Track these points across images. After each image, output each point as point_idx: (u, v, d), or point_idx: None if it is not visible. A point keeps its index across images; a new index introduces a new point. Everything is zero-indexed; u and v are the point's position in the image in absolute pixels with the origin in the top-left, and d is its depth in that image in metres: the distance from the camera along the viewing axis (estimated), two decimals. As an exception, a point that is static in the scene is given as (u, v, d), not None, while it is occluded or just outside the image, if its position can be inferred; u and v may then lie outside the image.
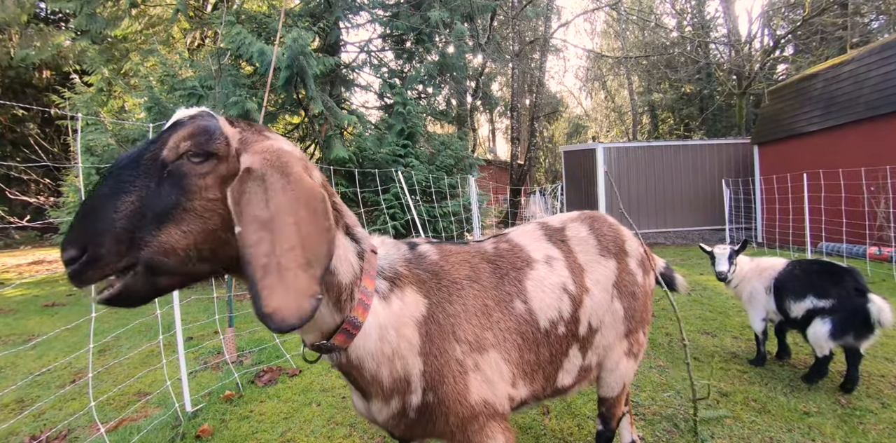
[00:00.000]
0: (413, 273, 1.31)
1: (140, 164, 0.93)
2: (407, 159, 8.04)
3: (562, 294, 1.52)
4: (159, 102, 8.37)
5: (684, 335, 1.48)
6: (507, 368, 1.37)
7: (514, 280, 1.47)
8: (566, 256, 1.62)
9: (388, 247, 1.37)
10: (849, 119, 8.39)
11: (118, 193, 0.90)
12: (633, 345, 1.81)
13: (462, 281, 1.37)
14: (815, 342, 3.04)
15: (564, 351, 1.56)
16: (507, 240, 1.62)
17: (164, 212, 0.91)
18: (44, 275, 9.69)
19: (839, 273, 3.06)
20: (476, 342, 1.31)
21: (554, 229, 1.74)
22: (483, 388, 1.30)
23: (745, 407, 2.80)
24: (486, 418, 1.31)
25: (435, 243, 1.48)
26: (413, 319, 1.25)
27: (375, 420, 1.35)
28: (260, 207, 0.90)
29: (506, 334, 1.39)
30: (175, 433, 2.61)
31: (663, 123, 23.84)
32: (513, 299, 1.44)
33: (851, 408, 2.81)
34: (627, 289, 1.74)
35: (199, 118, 1.00)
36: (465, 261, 1.44)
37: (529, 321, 1.45)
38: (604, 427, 1.94)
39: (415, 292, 1.28)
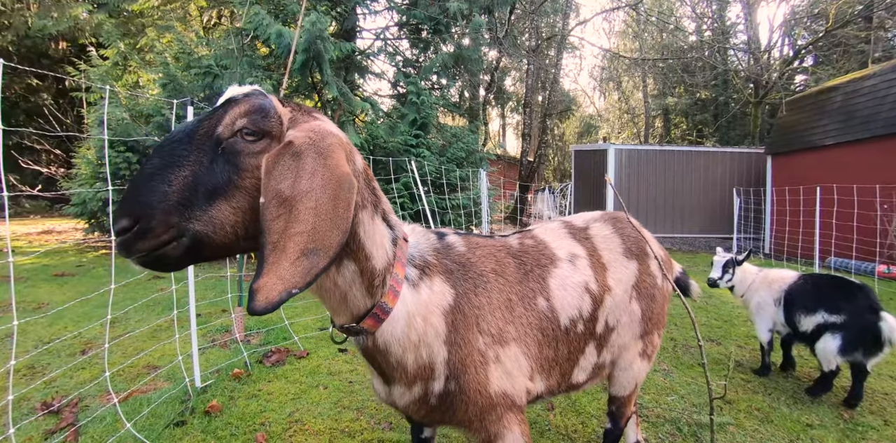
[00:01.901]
0: (441, 263, 1.33)
1: (194, 139, 0.94)
2: (418, 150, 8.03)
3: (583, 293, 1.53)
4: (175, 79, 8.36)
5: (699, 337, 1.49)
6: (527, 362, 1.39)
7: (538, 277, 1.48)
8: (590, 254, 1.63)
9: (419, 235, 1.37)
10: (867, 135, 8.31)
11: (171, 167, 0.91)
12: (647, 346, 1.82)
13: (488, 274, 1.38)
14: (822, 357, 3.05)
15: (581, 349, 1.58)
16: (532, 236, 1.63)
17: (216, 188, 0.92)
18: (53, 244, 9.76)
19: (852, 289, 3.06)
20: (498, 335, 1.33)
21: (578, 228, 1.75)
22: (503, 380, 1.32)
23: (748, 415, 2.82)
24: (504, 409, 1.33)
25: (462, 235, 1.49)
26: (440, 307, 1.26)
27: (395, 404, 1.37)
28: (287, 183, 0.90)
29: (527, 329, 1.41)
30: (184, 407, 2.64)
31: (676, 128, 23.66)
32: (536, 296, 1.45)
33: (854, 423, 2.82)
34: (647, 291, 1.75)
35: (253, 96, 0.99)
36: (492, 254, 1.45)
37: (551, 318, 1.47)
38: (613, 426, 1.96)
39: (443, 282, 1.29)
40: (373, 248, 1.14)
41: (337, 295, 1.14)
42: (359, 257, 1.11)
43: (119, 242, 0.88)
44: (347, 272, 1.11)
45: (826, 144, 9.17)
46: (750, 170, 11.22)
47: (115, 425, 2.50)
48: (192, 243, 0.91)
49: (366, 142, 8.19)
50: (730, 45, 20.02)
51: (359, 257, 1.11)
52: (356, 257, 1.11)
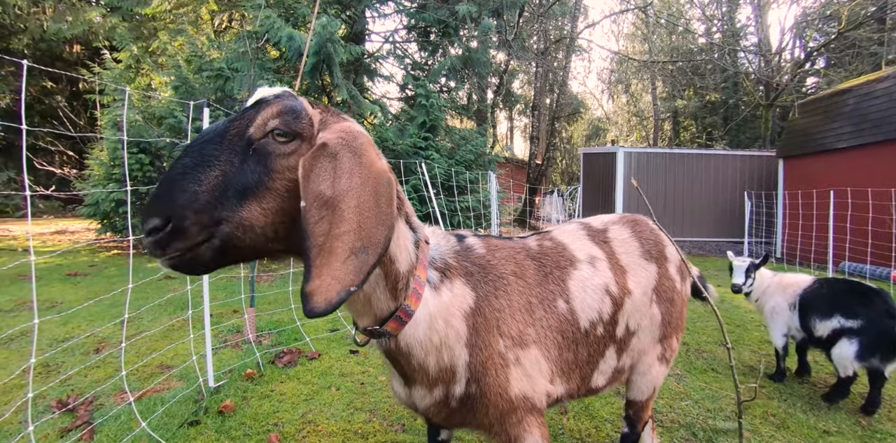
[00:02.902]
0: (462, 265, 1.32)
1: (225, 139, 0.93)
2: (427, 152, 8.05)
3: (604, 296, 1.53)
4: (186, 82, 8.46)
5: (727, 338, 1.48)
6: (547, 365, 1.39)
7: (557, 279, 1.48)
8: (609, 257, 1.62)
9: (439, 238, 1.37)
10: (881, 138, 8.19)
11: (202, 167, 0.90)
12: (666, 350, 1.81)
13: (508, 276, 1.38)
14: (839, 362, 3.00)
15: (601, 352, 1.57)
16: (551, 238, 1.62)
17: (247, 189, 0.92)
18: (66, 244, 9.89)
19: (869, 294, 3.01)
20: (519, 338, 1.32)
21: (596, 230, 1.74)
22: (523, 382, 1.32)
23: (763, 421, 2.79)
24: (524, 412, 1.33)
25: (481, 237, 1.49)
26: (461, 310, 1.26)
27: (415, 406, 1.37)
28: (326, 184, 0.90)
29: (547, 331, 1.40)
30: (198, 407, 2.66)
31: (685, 131, 23.52)
32: (556, 298, 1.45)
33: (872, 430, 2.77)
34: (666, 295, 1.74)
35: (284, 97, 0.99)
36: (511, 256, 1.45)
37: (570, 321, 1.46)
38: (629, 430, 1.94)
39: (463, 285, 1.29)
40: (397, 251, 1.14)
41: (361, 297, 1.14)
42: (383, 260, 1.11)
43: (151, 242, 0.88)
44: (372, 275, 1.12)
45: (839, 147, 9.06)
46: (761, 173, 11.11)
47: (130, 424, 2.52)
48: (222, 245, 0.91)
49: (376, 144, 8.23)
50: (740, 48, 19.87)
51: (383, 260, 1.11)
52: (381, 260, 1.12)
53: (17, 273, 6.63)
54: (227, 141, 0.94)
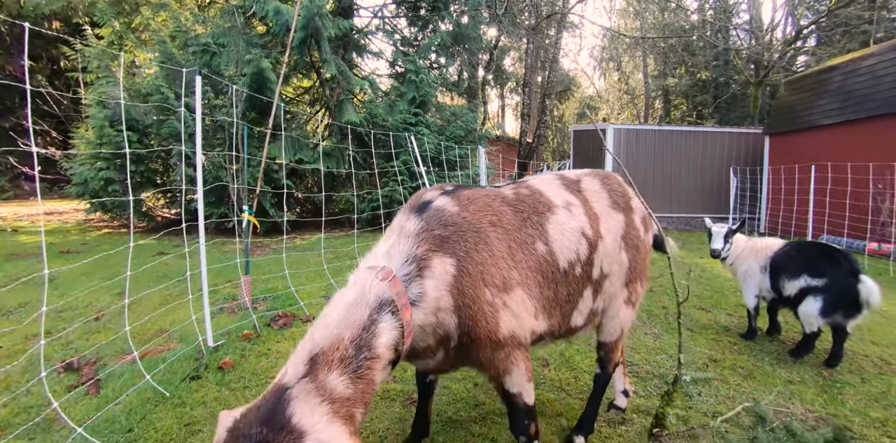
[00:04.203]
0: (433, 239, 1.38)
1: None
2: (417, 128, 8.06)
3: (580, 238, 1.64)
4: (172, 58, 8.32)
5: (677, 289, 1.61)
6: (531, 302, 1.51)
7: (535, 223, 1.59)
8: (583, 204, 1.74)
9: (395, 244, 1.40)
10: (864, 114, 8.31)
11: None
12: (632, 294, 1.95)
13: (486, 228, 1.46)
14: (805, 319, 3.19)
15: (580, 291, 1.69)
16: (528, 186, 1.73)
17: None
18: (55, 224, 9.86)
19: (834, 255, 3.18)
20: (503, 284, 1.43)
21: (570, 181, 1.86)
22: (511, 322, 1.44)
23: (732, 372, 2.98)
24: (512, 348, 1.47)
25: (450, 193, 1.54)
26: (446, 288, 1.36)
27: (418, 366, 1.56)
28: None
29: (528, 272, 1.51)
30: (199, 364, 2.79)
31: (676, 109, 23.54)
32: (534, 241, 1.56)
33: (833, 380, 2.98)
34: (632, 242, 1.88)
35: None
36: (487, 205, 1.53)
37: (550, 262, 1.58)
38: (601, 371, 2.10)
39: (440, 259, 1.36)
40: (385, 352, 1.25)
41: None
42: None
43: None
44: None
45: (824, 123, 9.19)
46: (748, 150, 11.26)
47: (134, 381, 2.65)
48: None
49: (365, 120, 8.21)
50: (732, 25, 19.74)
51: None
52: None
53: (8, 252, 6.66)
54: None
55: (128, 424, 2.24)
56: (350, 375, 1.14)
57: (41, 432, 2.23)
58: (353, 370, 1.15)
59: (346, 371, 1.14)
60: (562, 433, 2.16)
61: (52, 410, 2.24)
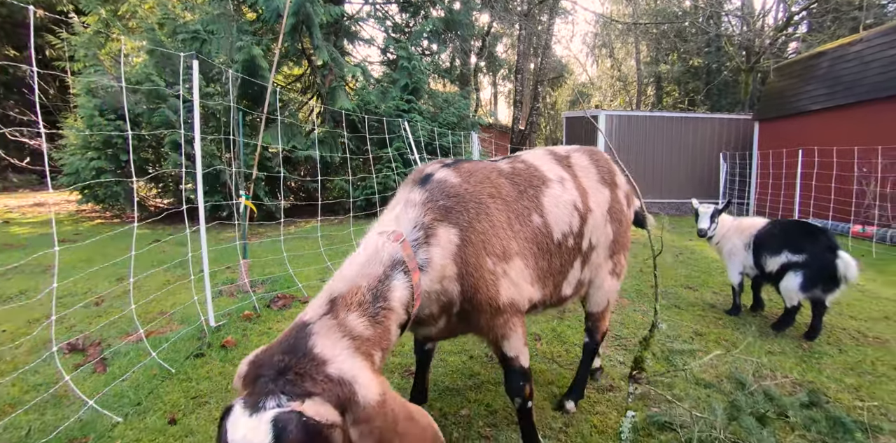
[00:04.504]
0: (438, 209, 1.43)
1: None
2: (410, 114, 8.08)
3: (573, 211, 1.73)
4: (161, 45, 8.23)
5: (656, 264, 1.70)
6: (528, 271, 1.58)
7: (531, 196, 1.66)
8: (574, 178, 1.82)
9: (402, 207, 1.45)
10: (852, 100, 8.41)
11: None
12: (616, 265, 2.05)
13: (486, 200, 1.52)
14: (785, 294, 3.33)
15: (571, 262, 1.78)
16: (522, 161, 1.80)
17: None
18: (47, 215, 9.81)
19: (814, 232, 3.30)
20: (503, 253, 1.50)
21: (561, 156, 1.94)
22: (511, 290, 1.51)
23: (716, 344, 3.12)
24: (511, 314, 1.54)
25: (451, 166, 1.60)
26: (450, 256, 1.40)
27: (420, 335, 1.61)
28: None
29: (525, 242, 1.58)
30: (202, 342, 2.87)
31: (668, 96, 23.58)
32: (531, 213, 1.63)
33: (811, 351, 3.12)
34: (616, 216, 1.97)
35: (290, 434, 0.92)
36: (486, 178, 1.59)
37: (545, 233, 1.66)
38: (590, 340, 2.21)
39: (445, 228, 1.41)
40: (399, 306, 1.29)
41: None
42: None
43: None
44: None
45: (812, 109, 9.30)
46: (738, 136, 11.37)
47: (139, 359, 2.72)
48: None
49: (357, 107, 8.21)
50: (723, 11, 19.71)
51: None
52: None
53: (2, 243, 6.66)
54: None
55: (136, 397, 2.33)
56: (368, 318, 1.16)
57: (52, 407, 2.31)
58: (371, 315, 1.18)
59: (365, 314, 1.16)
60: (553, 399, 2.28)
61: (62, 384, 2.32)
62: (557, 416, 2.13)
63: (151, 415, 2.18)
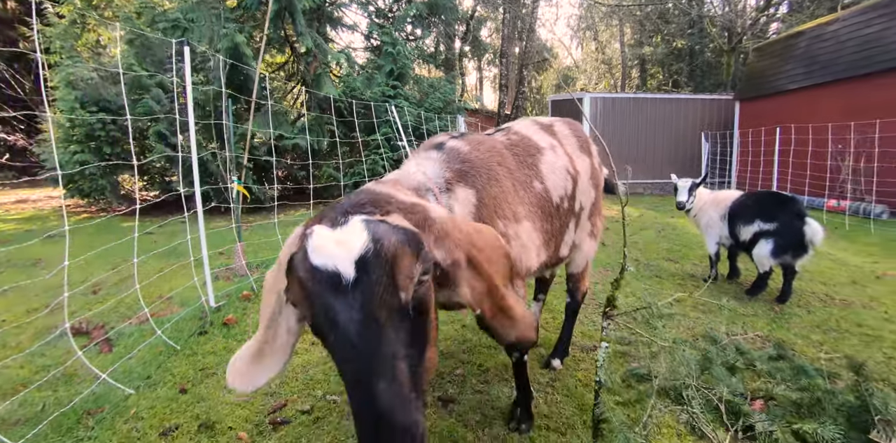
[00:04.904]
0: (454, 171, 1.48)
1: (385, 328, 0.83)
2: (396, 100, 8.11)
3: (566, 175, 1.85)
4: (141, 35, 8.10)
5: (625, 235, 1.84)
6: (536, 234, 1.66)
7: (530, 165, 1.76)
8: (561, 145, 1.94)
9: (425, 161, 1.50)
10: (829, 78, 8.60)
11: (396, 376, 0.82)
12: (594, 227, 2.20)
13: (495, 167, 1.58)
14: (758, 260, 3.52)
15: (567, 224, 1.90)
16: (515, 132, 1.89)
17: (423, 345, 0.90)
18: (31, 211, 9.71)
19: (783, 201, 3.49)
20: (513, 216, 1.56)
21: (545, 125, 2.06)
22: (520, 253, 1.56)
23: (693, 309, 3.31)
24: (517, 277, 1.61)
25: (459, 137, 1.67)
26: (469, 214, 1.45)
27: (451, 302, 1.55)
28: (479, 284, 1.02)
29: (530, 207, 1.66)
30: (204, 322, 2.98)
31: (652, 78, 23.73)
32: (532, 180, 1.72)
33: (782, 313, 3.33)
34: (595, 181, 2.12)
35: (392, 234, 0.87)
36: (492, 147, 1.66)
37: (546, 198, 1.75)
38: (571, 300, 2.37)
39: (463, 188, 1.45)
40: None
41: None
42: None
43: None
44: None
45: (790, 88, 9.50)
46: (720, 116, 11.58)
47: (143, 338, 2.83)
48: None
49: (343, 94, 8.21)
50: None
51: None
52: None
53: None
54: (389, 327, 0.83)
55: (145, 372, 2.44)
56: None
57: (63, 384, 2.42)
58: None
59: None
60: (541, 360, 2.44)
61: (74, 360, 2.41)
62: (545, 373, 2.30)
63: (162, 386, 2.29)
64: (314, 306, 0.85)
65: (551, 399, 2.11)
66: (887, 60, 7.49)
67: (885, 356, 2.64)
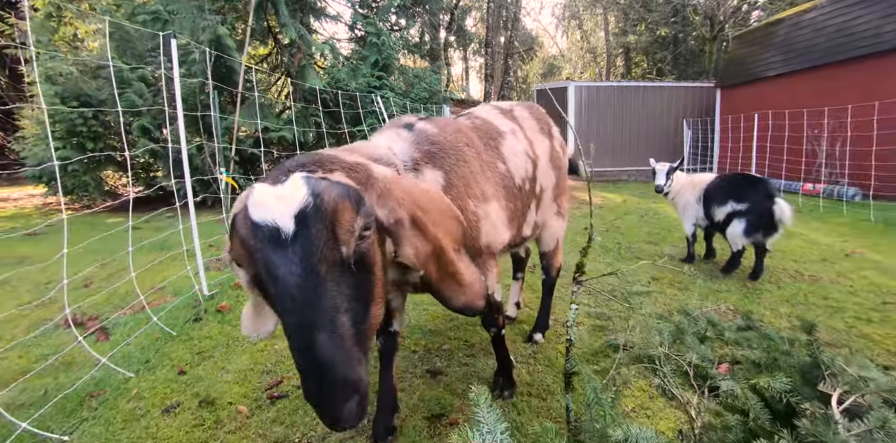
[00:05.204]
0: (423, 152, 1.51)
1: (326, 282, 0.84)
2: (382, 91, 8.13)
3: (526, 158, 1.95)
4: (120, 28, 7.98)
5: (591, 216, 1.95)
6: (503, 214, 1.74)
7: (494, 147, 1.85)
8: (521, 129, 2.04)
9: (395, 139, 1.53)
10: (806, 65, 8.78)
11: (335, 332, 0.83)
12: (560, 207, 2.32)
13: (463, 148, 1.64)
14: (731, 239, 3.69)
15: (529, 205, 2.01)
16: (477, 116, 1.97)
17: (367, 300, 0.91)
18: (13, 210, 9.58)
19: (754, 182, 3.65)
20: (482, 196, 1.62)
21: (506, 110, 2.13)
22: (490, 232, 1.63)
23: (670, 287, 3.47)
24: (487, 256, 1.69)
25: (425, 119, 1.72)
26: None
27: (407, 282, 1.58)
28: (422, 243, 1.03)
29: (496, 187, 1.73)
30: (198, 309, 3.06)
31: (637, 67, 23.90)
32: (496, 161, 1.81)
33: (754, 289, 3.50)
34: (556, 163, 2.22)
35: (330, 190, 0.87)
36: (458, 130, 1.72)
37: (509, 178, 1.83)
38: (546, 276, 2.51)
39: (431, 169, 1.49)
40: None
41: None
42: None
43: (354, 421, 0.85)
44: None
45: (768, 75, 9.69)
46: (702, 103, 11.76)
47: (139, 326, 2.90)
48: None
49: (328, 86, 8.21)
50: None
51: None
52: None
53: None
54: (329, 282, 0.84)
55: (143, 357, 2.52)
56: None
57: (63, 371, 2.48)
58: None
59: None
60: (524, 334, 2.57)
61: (75, 346, 2.48)
62: (528, 346, 2.43)
63: (161, 369, 2.38)
64: (256, 263, 0.85)
65: (533, 369, 2.24)
66: (859, 48, 7.69)
67: (847, 325, 2.82)
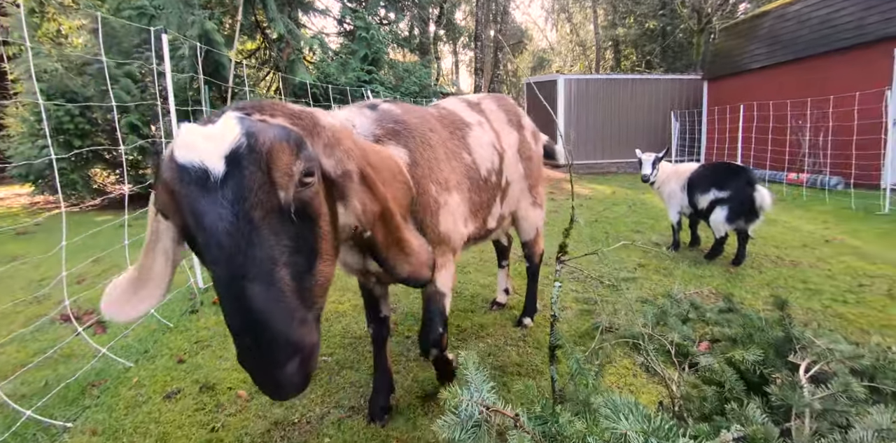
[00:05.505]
0: (386, 129, 1.49)
1: (261, 231, 0.76)
2: (372, 85, 8.14)
3: (493, 150, 1.96)
4: (106, 23, 7.90)
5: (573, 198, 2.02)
6: (464, 207, 1.72)
7: (459, 137, 1.84)
8: (488, 122, 2.06)
9: (357, 115, 1.49)
10: (790, 57, 8.91)
11: (273, 283, 0.75)
12: (535, 197, 2.37)
13: (428, 133, 1.62)
14: (714, 226, 3.80)
15: (494, 197, 2.00)
16: (443, 107, 1.98)
17: (313, 253, 0.84)
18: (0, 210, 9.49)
19: (736, 171, 3.76)
20: (445, 184, 1.61)
21: (473, 103, 2.15)
22: (449, 221, 1.62)
23: (655, 273, 3.57)
24: (446, 247, 1.66)
25: (392, 101, 1.72)
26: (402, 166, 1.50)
27: (368, 269, 1.59)
28: (370, 200, 1.00)
29: (460, 178, 1.72)
30: (194, 301, 3.10)
31: (626, 59, 24.00)
32: (461, 151, 1.80)
33: (736, 274, 3.62)
34: (526, 154, 2.24)
35: (264, 132, 0.79)
36: (424, 115, 1.71)
37: (474, 169, 1.83)
38: (530, 264, 2.60)
39: (395, 146, 1.48)
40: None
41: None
42: None
43: (301, 382, 0.80)
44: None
45: (753, 67, 9.82)
46: (689, 95, 11.88)
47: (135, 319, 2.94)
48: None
49: (318, 80, 8.20)
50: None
51: None
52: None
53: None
54: (265, 231, 0.76)
55: (142, 347, 2.57)
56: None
57: (62, 363, 2.53)
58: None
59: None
60: (514, 319, 2.66)
61: (74, 338, 2.52)
62: (517, 330, 2.52)
63: (160, 358, 2.43)
64: (182, 210, 0.77)
65: (523, 351, 2.33)
66: (841, 40, 7.83)
67: (823, 306, 2.94)
